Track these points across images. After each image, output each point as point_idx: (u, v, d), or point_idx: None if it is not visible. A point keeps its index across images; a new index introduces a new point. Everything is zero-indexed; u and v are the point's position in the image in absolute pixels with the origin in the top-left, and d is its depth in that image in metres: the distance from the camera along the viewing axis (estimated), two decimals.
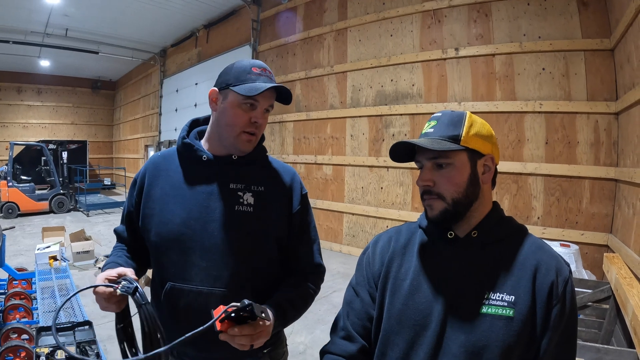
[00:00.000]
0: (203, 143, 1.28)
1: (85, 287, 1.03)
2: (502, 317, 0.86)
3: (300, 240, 1.30)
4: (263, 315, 0.93)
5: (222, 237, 1.17)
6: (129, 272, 1.06)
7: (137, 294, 1.00)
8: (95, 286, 1.01)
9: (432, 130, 0.96)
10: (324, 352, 1.04)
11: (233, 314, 0.90)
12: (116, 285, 1.00)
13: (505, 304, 0.87)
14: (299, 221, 1.28)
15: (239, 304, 0.89)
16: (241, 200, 1.20)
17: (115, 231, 1.39)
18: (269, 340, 1.10)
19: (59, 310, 1.13)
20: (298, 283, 1.27)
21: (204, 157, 1.23)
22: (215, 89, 1.21)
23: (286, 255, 1.29)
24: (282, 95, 1.25)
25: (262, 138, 1.32)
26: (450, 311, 0.91)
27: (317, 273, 1.34)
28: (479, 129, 0.95)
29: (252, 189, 1.23)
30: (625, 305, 2.15)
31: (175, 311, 1.15)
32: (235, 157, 1.23)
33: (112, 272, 1.05)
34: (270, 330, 1.02)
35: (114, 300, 1.03)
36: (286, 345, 1.40)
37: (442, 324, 0.91)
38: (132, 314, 1.10)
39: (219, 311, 0.90)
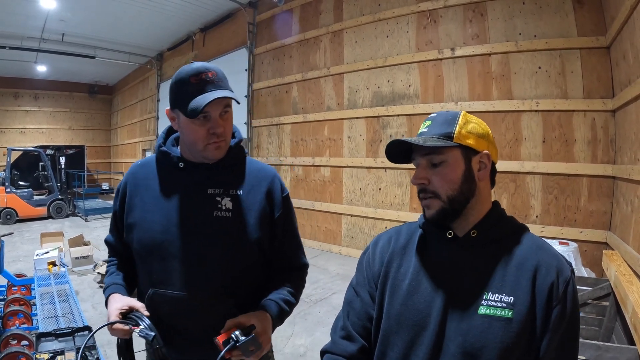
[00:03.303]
0: (180, 149, 1.27)
1: (103, 324, 1.10)
2: (501, 318, 0.85)
3: (284, 242, 1.31)
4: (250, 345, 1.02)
5: (202, 243, 1.18)
6: (140, 307, 1.13)
7: (158, 339, 1.06)
8: (113, 323, 1.08)
9: (426, 129, 0.97)
10: (324, 352, 1.05)
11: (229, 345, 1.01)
12: (134, 327, 1.07)
13: (504, 305, 0.86)
14: (281, 224, 1.29)
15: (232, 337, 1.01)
16: (219, 205, 1.20)
17: (106, 241, 1.41)
18: None
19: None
20: (287, 281, 1.30)
21: (181, 165, 1.23)
22: (168, 109, 1.21)
23: (270, 257, 1.31)
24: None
25: (240, 137, 1.31)
26: (448, 311, 0.91)
27: (302, 271, 1.39)
28: (473, 126, 0.95)
29: (231, 193, 1.23)
30: (625, 302, 2.15)
31: (158, 317, 1.15)
32: (211, 162, 1.23)
33: (124, 306, 1.12)
34: (267, 335, 1.11)
35: (129, 334, 1.10)
36: (272, 351, 1.41)
37: (441, 325, 0.91)
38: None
39: (221, 338, 1.02)
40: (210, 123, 1.14)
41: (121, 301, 1.14)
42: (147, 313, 1.12)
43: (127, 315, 1.11)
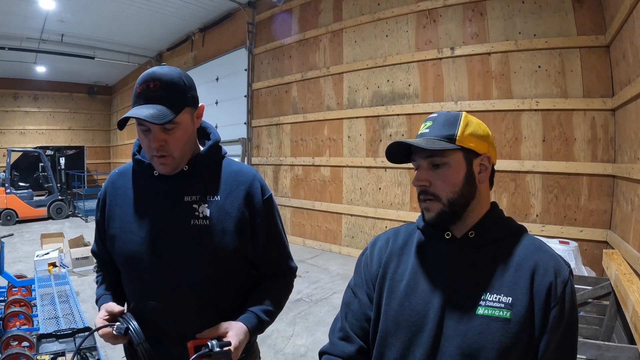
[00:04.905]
0: None
1: (89, 332, 1.14)
2: (499, 318, 0.85)
3: (268, 247, 1.28)
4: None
5: (180, 253, 1.16)
6: (115, 307, 1.13)
7: (133, 333, 1.07)
8: (98, 329, 1.09)
9: (427, 130, 0.97)
10: (322, 353, 1.05)
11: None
12: (113, 325, 1.09)
13: (502, 305, 0.86)
14: (263, 229, 1.25)
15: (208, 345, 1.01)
16: (196, 213, 1.17)
17: (93, 252, 1.40)
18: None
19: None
20: (271, 288, 1.28)
21: (156, 173, 1.20)
22: None
23: (254, 262, 1.28)
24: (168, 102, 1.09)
25: (215, 139, 1.27)
26: (446, 312, 0.91)
27: (289, 276, 1.36)
28: (474, 128, 0.95)
29: (208, 199, 1.19)
30: (625, 302, 2.15)
31: (145, 327, 1.13)
32: (186, 167, 1.19)
33: (102, 313, 1.13)
34: (239, 351, 1.09)
35: (119, 338, 1.09)
36: (259, 358, 1.39)
37: (439, 325, 0.90)
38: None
39: (194, 343, 1.04)
40: (150, 135, 1.10)
41: (103, 308, 1.15)
42: (121, 309, 1.14)
43: (117, 319, 1.12)
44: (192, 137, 1.20)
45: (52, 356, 2.42)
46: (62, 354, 2.47)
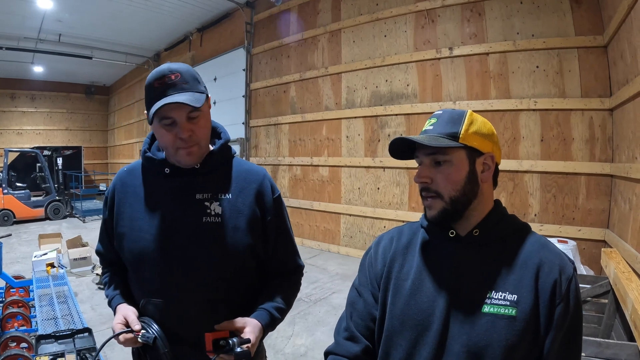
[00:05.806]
0: (165, 154, 1.23)
1: (109, 337, 1.12)
2: (505, 316, 0.86)
3: (277, 245, 1.29)
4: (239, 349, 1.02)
5: (191, 250, 1.16)
6: (131, 313, 1.14)
7: (160, 341, 1.08)
8: (119, 334, 1.10)
9: (431, 127, 0.96)
10: (328, 353, 1.05)
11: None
12: (137, 332, 1.09)
13: (508, 303, 0.86)
14: (274, 227, 1.26)
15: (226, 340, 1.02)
16: (208, 210, 1.18)
17: (97, 252, 1.39)
18: None
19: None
20: (280, 286, 1.29)
21: (167, 170, 1.20)
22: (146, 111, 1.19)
23: (263, 260, 1.28)
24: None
25: (226, 138, 1.29)
26: (452, 311, 0.91)
27: (297, 274, 1.37)
28: (479, 127, 0.95)
29: (219, 197, 1.20)
30: (624, 300, 2.16)
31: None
32: (197, 165, 1.20)
33: (120, 317, 1.13)
34: (255, 347, 1.10)
35: (138, 343, 1.10)
36: (265, 357, 1.40)
37: (444, 324, 0.90)
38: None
39: (213, 335, 1.04)
40: (176, 129, 1.11)
41: (119, 312, 1.16)
42: (137, 320, 1.13)
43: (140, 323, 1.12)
44: (210, 128, 1.23)
45: (51, 357, 2.41)
46: (62, 354, 2.47)
